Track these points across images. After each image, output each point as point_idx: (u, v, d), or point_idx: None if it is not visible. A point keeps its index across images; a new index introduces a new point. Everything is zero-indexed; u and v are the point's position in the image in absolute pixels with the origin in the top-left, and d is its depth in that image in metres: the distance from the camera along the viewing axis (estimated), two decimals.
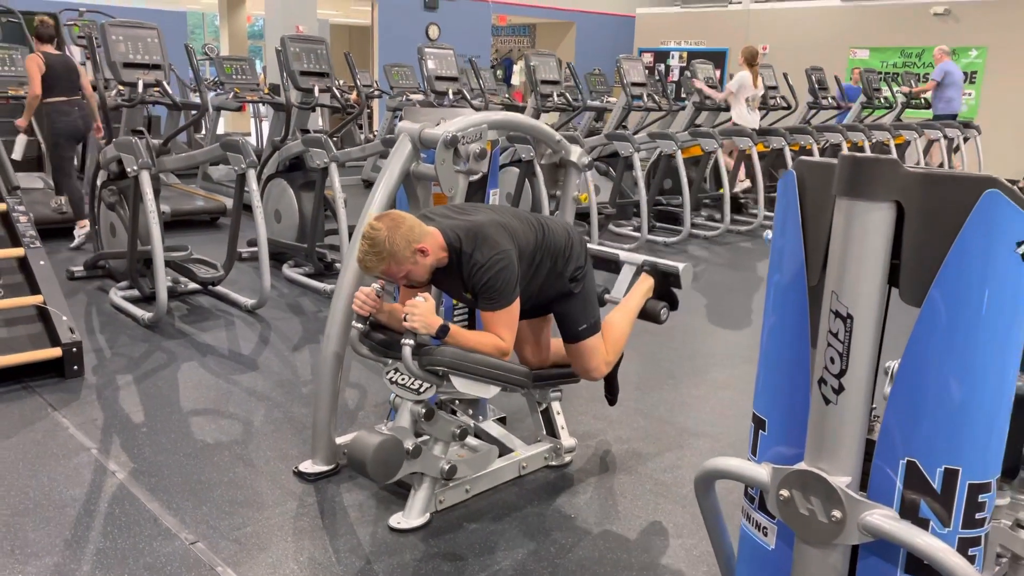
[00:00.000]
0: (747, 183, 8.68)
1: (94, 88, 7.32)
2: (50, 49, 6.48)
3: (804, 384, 1.74)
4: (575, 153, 3.52)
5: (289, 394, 3.86)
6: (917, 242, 1.55)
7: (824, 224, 1.66)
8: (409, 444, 2.62)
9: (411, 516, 2.75)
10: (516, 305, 2.65)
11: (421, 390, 2.62)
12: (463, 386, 2.63)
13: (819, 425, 1.66)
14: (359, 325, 2.73)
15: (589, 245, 3.11)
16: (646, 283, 3.26)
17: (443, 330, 2.55)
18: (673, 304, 3.31)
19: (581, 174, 3.59)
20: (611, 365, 3.11)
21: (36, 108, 6.38)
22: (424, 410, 2.68)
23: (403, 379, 2.65)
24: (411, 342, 2.53)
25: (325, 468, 3.08)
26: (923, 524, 1.59)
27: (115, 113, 6.39)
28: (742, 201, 8.93)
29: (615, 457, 3.33)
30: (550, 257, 2.80)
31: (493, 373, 2.66)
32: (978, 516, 1.60)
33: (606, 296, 3.32)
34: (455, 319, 3.32)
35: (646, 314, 3.23)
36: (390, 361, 2.73)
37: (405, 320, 2.53)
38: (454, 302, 3.24)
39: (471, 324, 3.31)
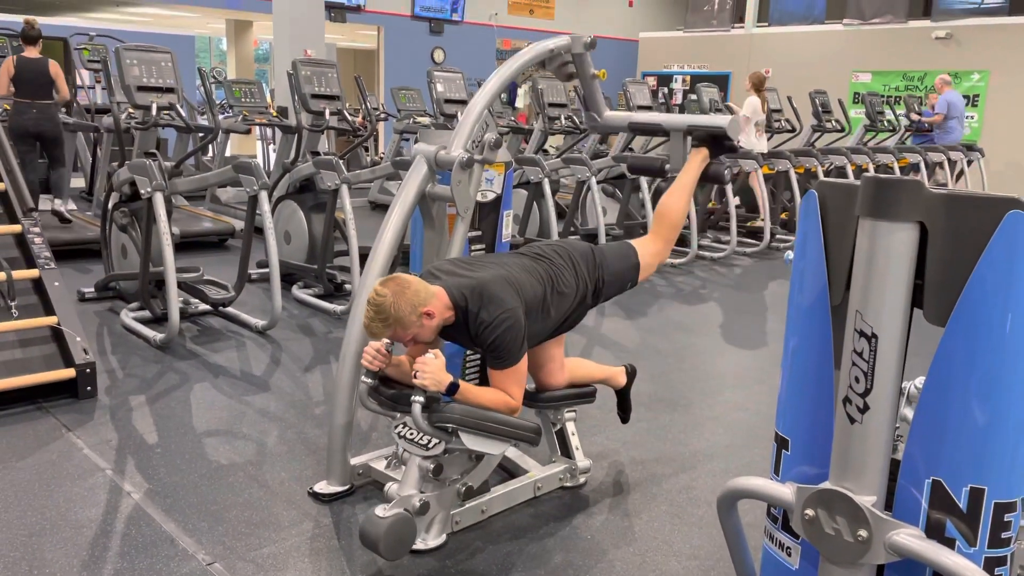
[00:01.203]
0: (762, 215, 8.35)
1: (104, 111, 7.45)
2: (32, 53, 6.93)
3: (828, 404, 1.75)
4: (577, 43, 3.53)
5: (302, 415, 3.87)
6: (941, 262, 1.57)
7: (847, 244, 1.68)
8: (416, 502, 2.61)
9: (428, 537, 2.75)
10: (524, 362, 2.69)
11: (430, 446, 2.61)
12: (473, 443, 2.62)
13: (844, 444, 1.67)
14: (368, 380, 2.74)
15: (632, 116, 3.35)
16: (699, 154, 3.28)
17: (453, 387, 2.56)
18: (734, 151, 3.38)
19: (588, 54, 3.59)
20: (672, 242, 3.20)
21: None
22: (433, 466, 2.67)
23: (412, 434, 2.64)
24: (421, 399, 2.53)
25: (340, 488, 3.08)
26: (949, 543, 1.60)
27: (127, 135, 6.47)
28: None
29: (629, 478, 3.33)
30: (563, 305, 2.85)
31: (503, 430, 2.66)
32: (1004, 535, 1.61)
33: (667, 166, 3.36)
34: (467, 367, 3.34)
35: (711, 178, 3.29)
36: (398, 415, 2.73)
37: (415, 377, 2.53)
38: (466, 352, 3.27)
39: (483, 373, 3.31)
